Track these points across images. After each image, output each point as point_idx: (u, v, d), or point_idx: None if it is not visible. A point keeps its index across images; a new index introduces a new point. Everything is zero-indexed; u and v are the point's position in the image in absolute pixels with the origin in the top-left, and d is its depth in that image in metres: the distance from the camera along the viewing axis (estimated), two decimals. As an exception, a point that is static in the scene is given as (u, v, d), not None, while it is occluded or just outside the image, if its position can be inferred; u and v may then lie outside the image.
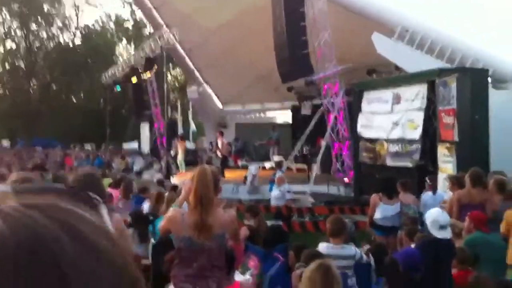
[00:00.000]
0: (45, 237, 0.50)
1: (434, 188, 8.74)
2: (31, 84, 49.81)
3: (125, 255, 0.56)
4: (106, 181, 14.18)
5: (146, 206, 8.68)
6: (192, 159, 22.92)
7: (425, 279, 5.18)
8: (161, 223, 4.52)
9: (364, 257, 5.72)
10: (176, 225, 4.15)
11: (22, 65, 49.33)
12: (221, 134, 20.99)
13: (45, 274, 0.48)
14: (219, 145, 20.11)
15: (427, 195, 8.69)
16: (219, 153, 19.97)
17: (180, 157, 20.16)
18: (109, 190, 11.20)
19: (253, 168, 16.12)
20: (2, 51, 49.33)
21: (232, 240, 4.40)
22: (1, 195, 0.56)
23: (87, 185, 3.57)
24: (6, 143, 44.17)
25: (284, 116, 27.92)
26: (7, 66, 49.07)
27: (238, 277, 5.50)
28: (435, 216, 5.36)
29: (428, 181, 8.85)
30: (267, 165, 19.89)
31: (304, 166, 19.18)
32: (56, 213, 0.54)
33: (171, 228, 4.25)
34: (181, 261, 4.16)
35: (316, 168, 15.51)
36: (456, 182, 7.81)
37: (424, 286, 5.17)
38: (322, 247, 5.63)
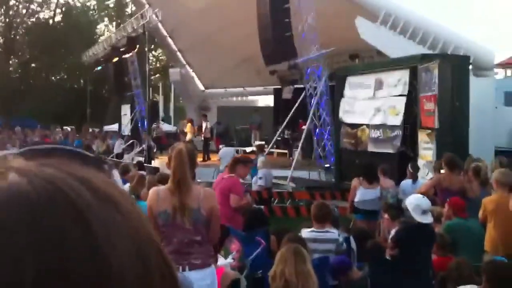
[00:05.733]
0: (63, 187, 0.51)
1: (414, 177, 8.79)
2: (10, 62, 48.96)
3: (138, 212, 0.56)
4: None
5: (126, 188, 8.61)
6: (172, 142, 22.84)
7: (405, 264, 5.26)
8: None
9: (344, 245, 5.79)
10: (153, 201, 4.22)
11: (1, 42, 48.40)
12: (205, 117, 21.06)
13: (67, 222, 0.49)
14: (203, 128, 20.13)
15: (406, 182, 8.76)
16: (201, 137, 20.04)
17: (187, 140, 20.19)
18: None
19: (222, 152, 15.99)
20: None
21: (209, 216, 4.31)
22: (8, 158, 0.57)
23: None
24: (-16, 122, 43.40)
25: (266, 100, 27.91)
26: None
27: (220, 260, 5.53)
28: (417, 201, 5.44)
29: (410, 169, 8.92)
30: (248, 149, 19.89)
31: (285, 151, 19.24)
32: (69, 168, 0.54)
33: (151, 206, 4.28)
34: (162, 239, 4.17)
35: (297, 153, 15.54)
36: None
37: (405, 270, 5.25)
38: (305, 231, 5.69)
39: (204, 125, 20.17)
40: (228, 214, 6.79)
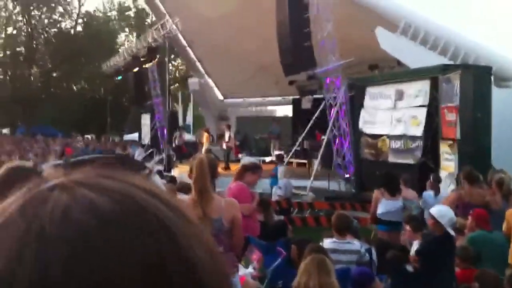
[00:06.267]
0: (141, 202, 0.51)
1: (436, 188, 8.69)
2: (32, 71, 49.66)
3: (198, 221, 0.58)
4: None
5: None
6: (191, 151, 22.99)
7: (429, 276, 5.22)
8: None
9: (367, 255, 5.76)
10: None
11: (23, 51, 49.12)
12: (229, 127, 21.17)
13: (160, 235, 0.50)
14: (226, 138, 20.20)
15: (429, 194, 8.66)
16: (225, 146, 20.08)
17: (204, 149, 20.32)
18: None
19: (244, 162, 16.07)
20: (3, 37, 49.07)
21: (231, 226, 4.31)
22: (54, 169, 0.56)
23: None
24: (6, 130, 44.05)
25: (285, 110, 27.91)
26: (8, 52, 48.80)
27: (241, 270, 5.53)
28: (451, 214, 5.45)
29: (432, 180, 8.82)
30: (268, 159, 19.90)
31: (305, 161, 19.18)
32: (130, 180, 0.54)
33: None
34: None
35: (316, 163, 15.49)
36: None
37: (428, 282, 5.21)
38: (327, 242, 5.67)
39: (227, 134, 20.25)
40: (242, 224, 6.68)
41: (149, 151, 23.79)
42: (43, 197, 0.50)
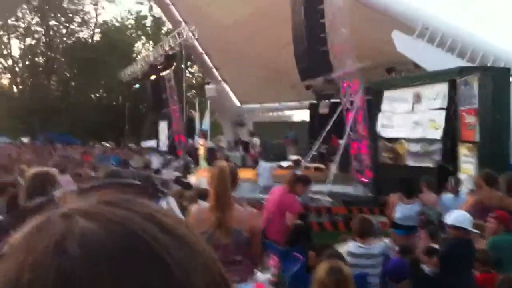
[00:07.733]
0: (138, 231, 0.51)
1: (456, 191, 8.55)
2: (50, 81, 50.30)
3: (203, 242, 0.57)
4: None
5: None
6: (209, 157, 23.03)
7: (449, 280, 5.15)
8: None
9: (392, 252, 5.73)
10: (193, 220, 4.17)
11: (42, 62, 49.81)
12: (253, 135, 21.37)
13: (150, 267, 0.49)
14: (250, 146, 20.38)
15: (448, 197, 8.53)
16: (254, 151, 20.28)
17: (202, 155, 20.39)
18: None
19: (260, 167, 16.17)
20: (22, 47, 49.83)
21: (251, 236, 4.27)
22: (66, 195, 0.57)
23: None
24: (26, 139, 44.57)
25: (301, 114, 27.88)
26: (27, 62, 49.54)
27: (259, 276, 5.50)
28: (469, 218, 5.40)
29: (452, 183, 8.68)
30: (284, 164, 19.85)
31: (322, 165, 19.11)
32: (135, 207, 0.54)
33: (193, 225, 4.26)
34: None
35: (334, 168, 15.42)
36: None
37: (448, 286, 5.14)
38: (350, 246, 5.64)
39: (253, 142, 20.46)
40: (278, 229, 7.04)
41: (167, 158, 23.90)
42: (44, 226, 0.52)
